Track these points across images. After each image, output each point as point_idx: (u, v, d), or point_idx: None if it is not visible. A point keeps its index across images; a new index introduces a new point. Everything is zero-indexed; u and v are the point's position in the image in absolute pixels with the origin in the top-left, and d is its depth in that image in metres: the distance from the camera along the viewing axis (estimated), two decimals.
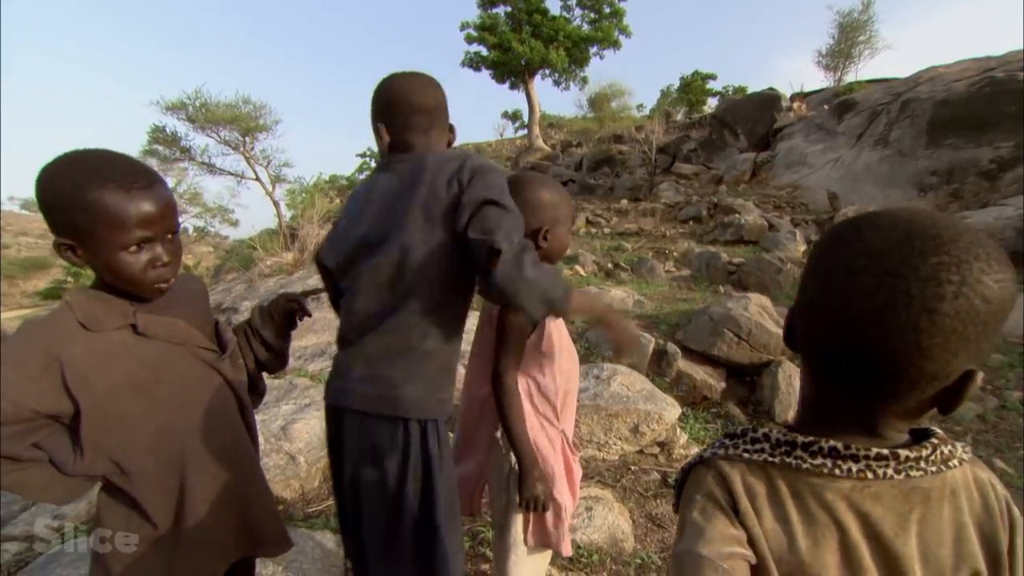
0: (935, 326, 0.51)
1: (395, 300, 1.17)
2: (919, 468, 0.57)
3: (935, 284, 0.50)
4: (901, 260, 0.52)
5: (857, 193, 9.98)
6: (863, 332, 0.54)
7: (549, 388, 1.33)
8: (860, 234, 0.56)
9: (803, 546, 0.57)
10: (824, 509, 0.58)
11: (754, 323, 4.13)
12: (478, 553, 2.21)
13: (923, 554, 0.57)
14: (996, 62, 10.42)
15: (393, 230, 1.17)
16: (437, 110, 1.28)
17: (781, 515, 0.59)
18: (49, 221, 0.91)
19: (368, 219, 1.24)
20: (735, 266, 7.33)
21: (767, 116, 14.69)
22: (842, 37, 18.95)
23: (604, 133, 20.15)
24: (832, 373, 0.61)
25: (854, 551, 0.56)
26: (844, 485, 0.58)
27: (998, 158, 8.47)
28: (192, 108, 12.29)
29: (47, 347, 0.91)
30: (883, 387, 0.57)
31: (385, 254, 1.17)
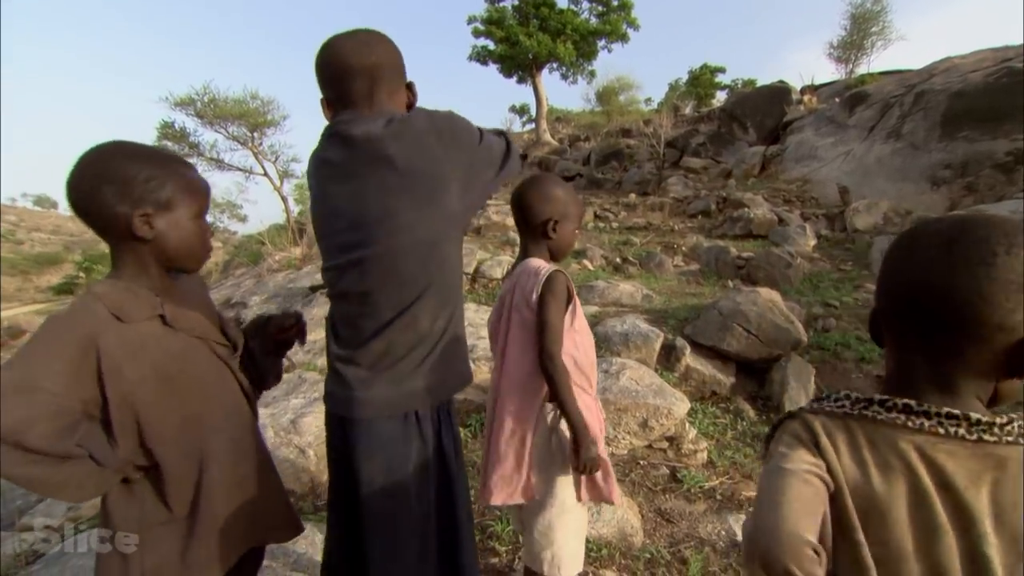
0: (992, 274, 0.60)
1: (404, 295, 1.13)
2: (992, 434, 0.61)
3: (988, 245, 0.61)
4: (960, 233, 0.64)
5: (868, 187, 9.85)
6: (933, 287, 0.63)
7: (583, 361, 1.49)
8: (926, 227, 0.69)
9: (876, 483, 0.64)
10: (897, 456, 0.64)
11: (764, 318, 4.11)
12: (487, 547, 2.22)
13: (996, 514, 0.61)
14: (1014, 52, 10.19)
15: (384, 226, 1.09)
16: (379, 69, 1.12)
17: (857, 456, 0.66)
18: (124, 196, 0.97)
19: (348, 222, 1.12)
20: (744, 260, 7.29)
21: (777, 109, 14.52)
22: (854, 28, 18.67)
23: (612, 127, 20.01)
24: (910, 335, 0.69)
25: (924, 495, 0.62)
26: (917, 438, 0.64)
27: (1015, 150, 8.30)
28: (200, 104, 12.35)
29: (85, 337, 0.93)
30: (953, 340, 0.64)
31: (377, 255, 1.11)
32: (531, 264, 1.47)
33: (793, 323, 4.27)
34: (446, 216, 1.12)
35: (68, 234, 52.28)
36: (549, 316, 1.38)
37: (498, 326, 1.54)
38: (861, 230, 8.66)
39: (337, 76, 1.12)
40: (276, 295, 6.85)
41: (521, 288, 1.45)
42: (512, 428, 1.46)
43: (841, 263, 7.71)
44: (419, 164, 1.06)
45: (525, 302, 1.42)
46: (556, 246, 1.53)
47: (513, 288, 1.48)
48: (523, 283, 1.45)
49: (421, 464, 1.18)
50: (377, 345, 1.14)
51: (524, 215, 1.51)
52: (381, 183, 1.07)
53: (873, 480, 0.64)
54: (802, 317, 5.32)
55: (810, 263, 7.59)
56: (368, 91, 1.11)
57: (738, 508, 2.66)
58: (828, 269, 7.45)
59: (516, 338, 1.46)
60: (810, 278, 7.01)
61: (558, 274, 1.42)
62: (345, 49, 1.11)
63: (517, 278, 1.49)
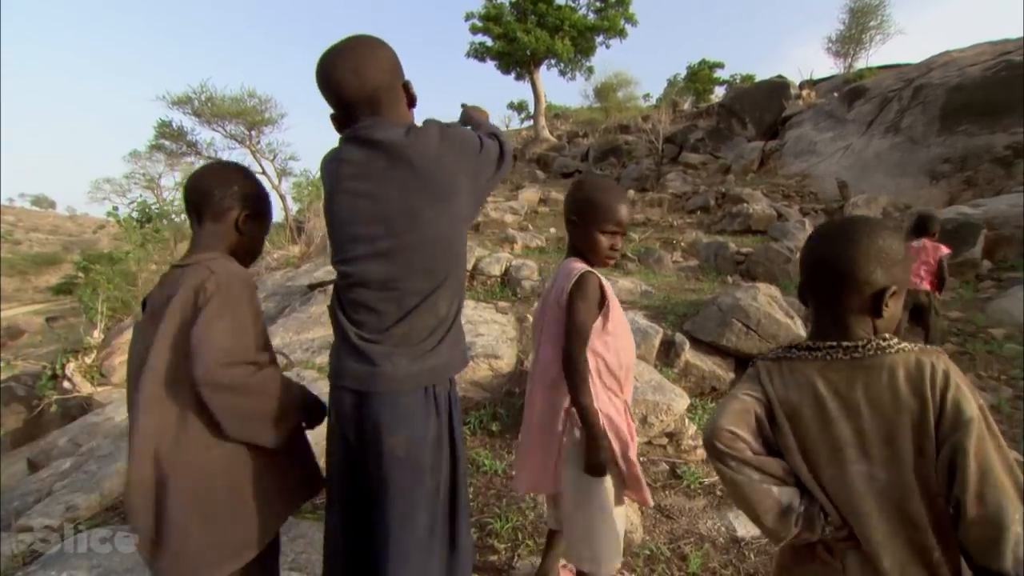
0: (858, 248, 0.97)
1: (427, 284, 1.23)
2: (858, 352, 0.96)
3: (857, 232, 0.98)
4: (842, 226, 1.03)
5: (867, 181, 9.84)
6: (827, 260, 1.01)
7: (614, 364, 1.49)
8: (825, 225, 1.08)
9: (793, 396, 1.00)
10: (804, 377, 1.00)
11: (763, 313, 4.09)
12: (486, 544, 2.21)
13: (868, 400, 0.93)
14: (1013, 45, 10.16)
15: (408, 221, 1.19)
16: (376, 91, 1.21)
17: (782, 382, 1.03)
18: (232, 199, 1.28)
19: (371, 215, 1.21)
20: (743, 256, 7.27)
21: (775, 104, 14.49)
22: (853, 22, 18.60)
23: (610, 123, 19.97)
24: (818, 295, 1.05)
25: (821, 398, 0.97)
26: (816, 365, 1.00)
27: (1014, 144, 8.28)
28: (198, 102, 12.33)
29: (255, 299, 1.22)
30: (839, 294, 1.00)
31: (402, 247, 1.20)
32: (569, 264, 1.52)
33: (793, 318, 4.26)
34: (458, 214, 1.24)
35: (67, 234, 52.18)
36: (575, 317, 1.41)
37: (539, 322, 1.59)
38: None
39: (340, 104, 1.24)
40: (275, 293, 6.83)
41: (557, 287, 1.50)
42: (541, 422, 1.51)
43: None
44: (434, 169, 1.19)
45: (557, 302, 1.47)
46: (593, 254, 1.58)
47: (551, 287, 1.54)
48: (559, 282, 1.50)
49: (437, 439, 1.25)
50: (400, 328, 1.22)
51: (576, 209, 1.56)
52: (402, 183, 1.18)
53: (791, 395, 1.01)
54: (801, 312, 5.31)
55: None
56: (372, 110, 1.22)
57: None
58: None
59: (550, 336, 1.50)
60: None
61: (589, 275, 1.44)
62: (342, 79, 1.19)
63: (556, 277, 1.55)
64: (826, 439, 0.96)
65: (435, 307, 1.24)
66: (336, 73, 1.19)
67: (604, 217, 1.52)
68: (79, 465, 2.71)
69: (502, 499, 2.53)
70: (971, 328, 5.04)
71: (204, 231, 1.27)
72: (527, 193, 11.87)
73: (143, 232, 9.41)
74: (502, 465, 2.96)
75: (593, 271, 1.46)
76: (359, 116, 1.22)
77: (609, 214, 1.52)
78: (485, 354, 4.00)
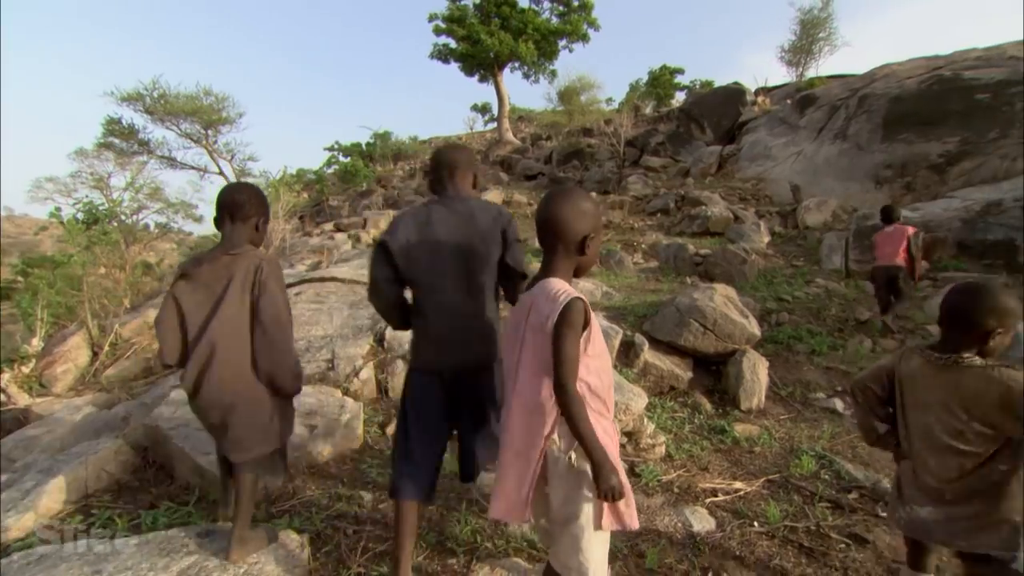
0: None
1: (481, 288, 1.89)
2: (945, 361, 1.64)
3: (982, 292, 1.60)
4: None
5: (818, 186, 10.26)
6: (957, 308, 1.62)
7: (597, 386, 1.45)
8: (961, 284, 1.71)
9: (905, 371, 1.75)
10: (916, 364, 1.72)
11: (719, 313, 4.21)
12: (445, 548, 2.20)
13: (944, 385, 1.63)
14: (943, 61, 10.83)
15: (477, 245, 1.86)
16: (460, 167, 1.99)
17: (907, 363, 1.76)
18: (255, 208, 1.96)
19: (446, 240, 1.85)
20: (702, 257, 7.47)
21: (732, 110, 14.96)
22: (803, 33, 19.38)
23: (573, 126, 20.17)
24: (946, 328, 1.68)
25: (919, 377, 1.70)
26: (922, 359, 1.70)
27: (946, 152, 8.82)
28: (150, 99, 11.87)
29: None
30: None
31: (474, 259, 1.86)
32: (551, 286, 1.43)
33: (748, 318, 4.40)
34: (493, 259, 1.89)
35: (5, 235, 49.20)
36: (564, 347, 1.35)
37: (513, 342, 1.51)
38: (812, 227, 9.01)
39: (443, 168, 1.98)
40: None
41: (538, 311, 1.42)
42: (518, 449, 1.47)
43: (794, 259, 8.00)
44: (489, 228, 1.88)
45: (541, 327, 1.40)
46: (587, 262, 1.54)
47: (529, 308, 1.46)
48: (540, 306, 1.42)
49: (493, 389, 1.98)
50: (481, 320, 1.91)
51: (559, 231, 1.46)
52: (468, 233, 1.86)
53: (904, 371, 1.75)
54: (757, 312, 5.49)
55: (764, 259, 7.84)
56: (449, 180, 1.97)
57: (694, 500, 2.72)
58: (782, 265, 7.72)
59: (529, 361, 1.45)
60: (765, 274, 7.25)
61: (577, 302, 1.37)
62: (447, 156, 2.00)
63: (535, 298, 1.46)
64: (913, 399, 1.74)
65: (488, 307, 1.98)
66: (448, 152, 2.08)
67: (598, 223, 1.53)
68: (13, 482, 2.57)
69: (462, 502, 2.52)
70: (911, 325, 5.31)
71: (235, 229, 1.93)
72: (490, 195, 11.88)
73: (89, 234, 8.97)
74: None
75: (581, 296, 1.40)
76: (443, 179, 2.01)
77: (600, 218, 1.54)
78: None
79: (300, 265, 7.46)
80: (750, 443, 3.42)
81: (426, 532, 2.28)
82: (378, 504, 2.57)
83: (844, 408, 4.00)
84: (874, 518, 2.59)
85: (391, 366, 4.01)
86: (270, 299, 1.84)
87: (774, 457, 3.26)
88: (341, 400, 3.53)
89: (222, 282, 1.82)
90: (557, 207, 1.47)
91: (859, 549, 2.34)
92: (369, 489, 2.72)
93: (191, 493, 2.63)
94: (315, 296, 5.40)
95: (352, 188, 19.74)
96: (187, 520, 2.34)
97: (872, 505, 2.71)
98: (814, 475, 3.01)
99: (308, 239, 10.34)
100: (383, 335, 4.37)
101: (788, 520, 2.54)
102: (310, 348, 4.28)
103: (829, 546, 2.35)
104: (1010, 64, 9.54)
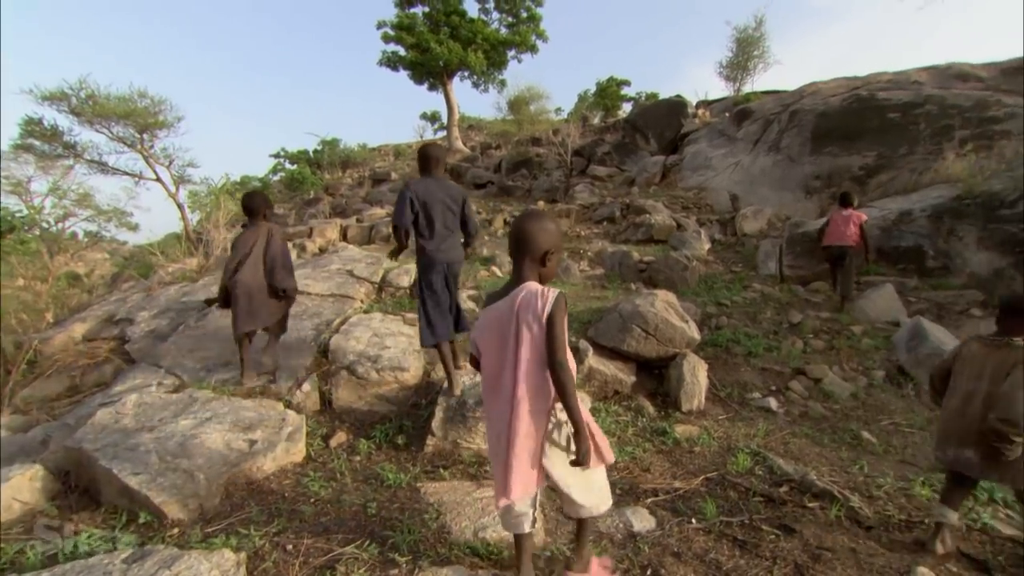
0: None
1: (454, 226, 3.50)
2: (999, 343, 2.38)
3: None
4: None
5: (755, 195, 10.78)
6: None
7: (572, 366, 1.74)
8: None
9: (965, 352, 2.50)
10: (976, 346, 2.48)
11: (660, 318, 4.35)
12: (387, 559, 2.17)
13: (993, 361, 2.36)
14: (861, 81, 11.67)
15: (451, 203, 3.45)
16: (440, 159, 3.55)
17: (967, 346, 2.53)
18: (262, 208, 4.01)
19: (437, 198, 3.38)
20: (646, 264, 7.69)
21: (675, 122, 15.51)
22: (739, 51, 20.32)
23: (522, 136, 20.37)
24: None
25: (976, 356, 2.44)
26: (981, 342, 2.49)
27: (866, 165, 9.49)
28: (76, 100, 11.16)
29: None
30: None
31: (450, 211, 3.45)
32: (535, 287, 1.74)
33: (688, 322, 4.57)
34: (459, 212, 3.52)
35: None
36: (560, 331, 1.66)
37: (506, 339, 1.74)
38: (749, 234, 9.44)
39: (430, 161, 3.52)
40: (167, 309, 6.29)
41: (530, 308, 1.70)
42: (527, 429, 1.70)
43: (732, 265, 8.36)
44: (456, 195, 3.52)
45: (536, 320, 1.68)
46: (547, 273, 1.83)
47: (517, 307, 1.71)
48: (531, 303, 1.70)
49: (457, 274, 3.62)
50: (451, 241, 3.49)
51: (525, 245, 1.77)
52: (447, 196, 3.45)
53: (964, 352, 2.50)
54: (697, 316, 5.70)
55: (705, 266, 8.15)
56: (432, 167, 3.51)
57: (636, 500, 2.80)
58: (721, 271, 8.05)
59: (529, 351, 1.70)
60: (705, 279, 7.53)
61: (561, 295, 1.71)
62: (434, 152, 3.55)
63: (521, 299, 1.72)
64: (971, 371, 2.41)
65: (457, 234, 3.56)
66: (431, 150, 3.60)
67: (559, 241, 1.84)
68: None
69: (405, 512, 2.50)
70: (837, 327, 5.65)
71: (255, 218, 3.94)
72: None
73: (4, 243, 8.35)
74: (407, 478, 2.92)
75: (561, 291, 1.72)
76: (430, 168, 3.50)
77: (560, 237, 1.85)
78: (391, 367, 3.94)
79: None
80: (690, 443, 3.55)
81: (367, 543, 2.25)
82: (319, 518, 2.52)
83: (777, 407, 4.21)
84: (802, 509, 2.74)
85: (336, 377, 3.93)
86: (276, 245, 3.94)
87: (712, 456, 3.39)
88: (283, 413, 3.43)
89: (253, 239, 3.88)
90: (526, 224, 1.78)
91: (787, 539, 2.47)
92: (311, 503, 2.66)
93: (118, 517, 2.49)
94: None
95: (299, 196, 19.20)
96: (112, 546, 2.21)
97: (800, 497, 2.86)
98: (749, 471, 3.15)
99: None
100: (328, 345, 4.28)
101: (724, 515, 2.66)
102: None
103: (761, 538, 2.47)
104: (914, 88, 10.41)
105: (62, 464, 2.92)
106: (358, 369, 3.95)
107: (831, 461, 3.38)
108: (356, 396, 3.85)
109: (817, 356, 5.09)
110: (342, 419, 3.69)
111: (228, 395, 3.65)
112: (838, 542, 2.44)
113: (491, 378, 1.82)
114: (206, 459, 2.88)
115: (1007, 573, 2.34)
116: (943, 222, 6.96)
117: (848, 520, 2.66)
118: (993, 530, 2.64)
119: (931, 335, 4.76)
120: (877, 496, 2.91)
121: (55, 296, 9.11)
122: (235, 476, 2.89)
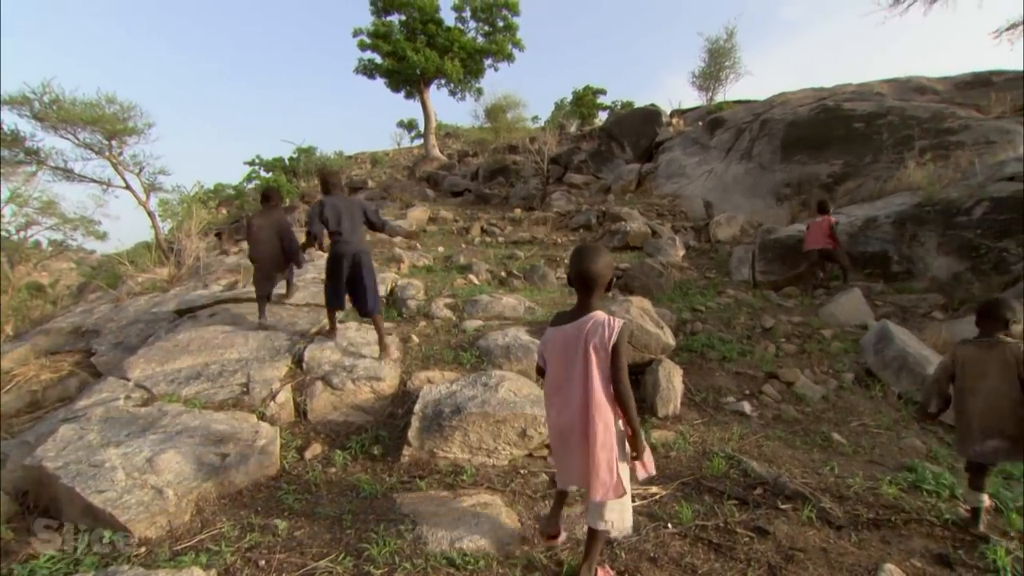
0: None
1: (358, 229, 4.37)
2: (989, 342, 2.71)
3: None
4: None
5: (728, 202, 11.00)
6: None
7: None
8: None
9: (961, 355, 2.78)
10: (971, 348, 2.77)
11: (636, 325, 4.39)
12: (363, 571, 2.14)
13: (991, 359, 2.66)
14: (828, 92, 12.07)
15: (354, 211, 4.38)
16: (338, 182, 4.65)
17: (964, 349, 2.79)
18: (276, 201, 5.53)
19: (345, 209, 4.32)
20: (621, 271, 7.77)
21: (650, 130, 15.76)
22: (712, 61, 20.81)
23: (499, 144, 20.47)
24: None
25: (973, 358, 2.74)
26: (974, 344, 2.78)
27: (833, 173, 9.79)
28: (39, 104, 10.84)
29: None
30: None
31: (354, 218, 4.36)
32: (600, 317, 2.03)
33: (663, 328, 4.63)
34: (361, 218, 4.46)
35: None
36: (621, 356, 1.99)
37: (573, 359, 2.06)
38: (722, 241, 9.62)
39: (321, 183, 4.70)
40: (136, 320, 6.13)
41: (597, 334, 2.00)
42: (603, 439, 2.00)
43: (706, 271, 8.50)
44: (355, 205, 4.47)
45: (603, 347, 1.99)
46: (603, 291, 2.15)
47: (585, 334, 2.01)
48: (599, 331, 2.00)
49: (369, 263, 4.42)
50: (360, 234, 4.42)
51: (593, 282, 2.05)
52: (350, 208, 4.39)
53: (961, 355, 2.78)
54: (672, 322, 5.77)
55: (680, 272, 8.27)
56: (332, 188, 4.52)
57: None
58: (695, 277, 8.17)
59: (597, 372, 2.00)
60: (680, 286, 7.64)
61: (627, 326, 2.04)
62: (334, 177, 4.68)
63: (589, 327, 2.02)
64: (973, 371, 2.69)
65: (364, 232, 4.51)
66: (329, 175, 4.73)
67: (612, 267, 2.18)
68: None
69: (380, 523, 2.47)
70: (808, 331, 5.79)
71: (269, 207, 5.28)
72: (416, 212, 11.79)
73: None
74: (382, 489, 2.89)
75: (626, 321, 2.09)
76: (331, 188, 4.55)
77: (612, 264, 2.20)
78: (367, 376, 3.90)
79: (215, 285, 7.03)
80: (666, 448, 3.58)
81: (342, 556, 2.22)
82: (293, 532, 2.47)
83: (751, 410, 4.28)
84: (775, 511, 2.79)
85: (311, 388, 3.87)
86: (285, 225, 5.21)
87: (688, 460, 3.43)
88: (256, 425, 3.37)
89: (269, 221, 5.07)
90: (592, 266, 2.05)
91: (761, 541, 2.51)
92: (285, 517, 2.61)
93: (80, 538, 2.41)
94: (231, 318, 5.13)
95: None
96: (72, 569, 2.14)
97: (774, 499, 2.91)
98: (724, 475, 3.19)
99: (225, 258, 9.79)
100: (302, 356, 4.22)
101: (699, 519, 2.68)
102: (223, 372, 4.05)
103: (735, 541, 2.50)
104: (876, 99, 10.81)
105: (20, 484, 2.81)
106: (333, 379, 3.90)
107: (803, 463, 3.45)
108: (331, 407, 3.80)
109: (789, 360, 5.19)
110: (317, 430, 3.63)
111: (199, 408, 3.56)
112: (810, 542, 2.49)
113: (554, 384, 2.17)
114: (175, 474, 2.81)
115: (967, 566, 2.41)
116: (906, 228, 7.20)
117: (819, 520, 2.71)
118: (955, 525, 2.72)
119: (896, 338, 4.91)
120: (847, 496, 2.97)
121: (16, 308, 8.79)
122: (206, 491, 2.82)
